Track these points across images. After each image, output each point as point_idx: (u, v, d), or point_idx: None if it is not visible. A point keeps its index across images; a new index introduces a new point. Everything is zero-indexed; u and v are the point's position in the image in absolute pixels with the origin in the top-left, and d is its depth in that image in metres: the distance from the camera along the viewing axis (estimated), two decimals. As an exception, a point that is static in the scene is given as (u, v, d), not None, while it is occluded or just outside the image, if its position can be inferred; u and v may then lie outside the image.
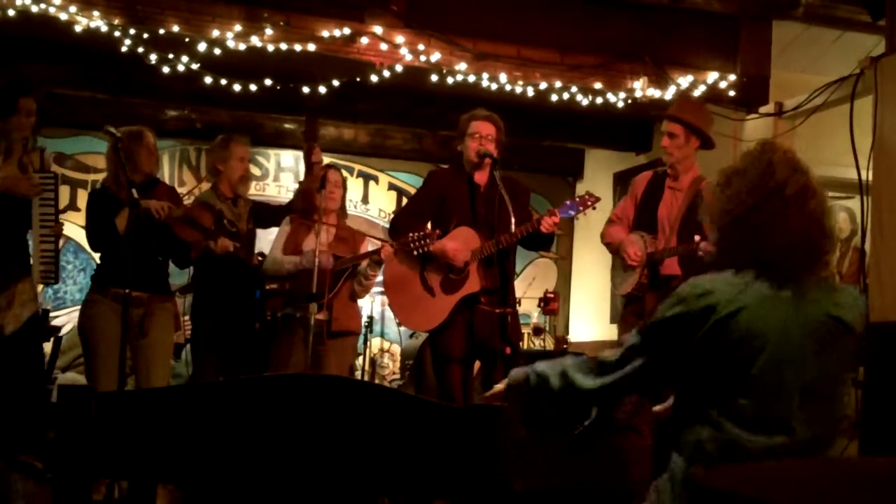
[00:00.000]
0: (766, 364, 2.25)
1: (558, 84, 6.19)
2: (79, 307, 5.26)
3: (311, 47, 5.74)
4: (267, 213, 5.74)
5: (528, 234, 4.65)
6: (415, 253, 4.80)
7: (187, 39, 5.63)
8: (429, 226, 4.96)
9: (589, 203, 4.79)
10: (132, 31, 5.55)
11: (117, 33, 5.51)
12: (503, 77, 6.05)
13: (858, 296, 2.48)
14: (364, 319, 8.33)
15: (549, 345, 8.33)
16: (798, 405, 2.27)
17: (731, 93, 6.41)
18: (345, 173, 8.83)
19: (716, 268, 2.42)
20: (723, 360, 2.28)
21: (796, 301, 2.32)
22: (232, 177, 5.52)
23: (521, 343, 5.65)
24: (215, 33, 5.60)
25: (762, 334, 2.27)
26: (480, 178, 4.93)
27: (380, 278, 5.49)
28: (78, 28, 5.45)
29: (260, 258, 5.51)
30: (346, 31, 5.77)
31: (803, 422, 2.27)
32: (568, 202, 4.88)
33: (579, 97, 6.28)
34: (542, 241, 4.94)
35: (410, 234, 4.76)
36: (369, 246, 5.49)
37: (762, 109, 6.39)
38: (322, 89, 6.21)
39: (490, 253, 4.72)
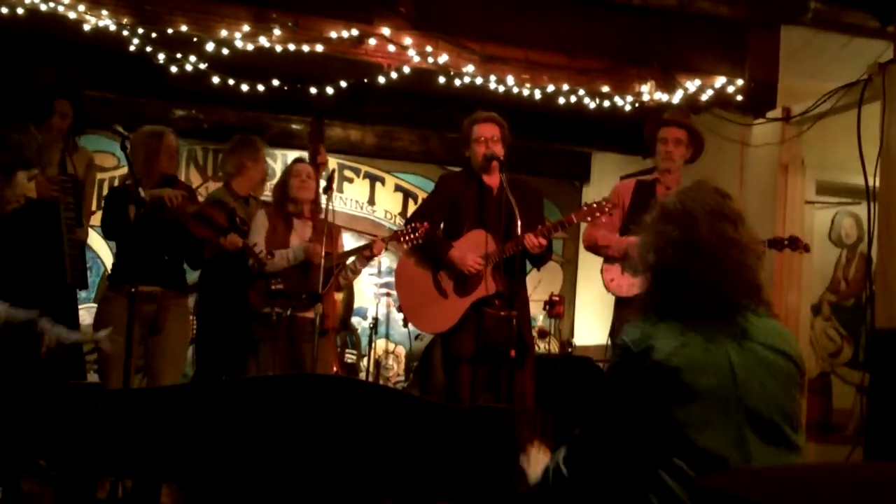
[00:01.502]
0: (712, 400, 2.19)
1: (566, 87, 6.18)
2: (85, 306, 5.27)
3: (319, 48, 5.74)
4: None
5: (519, 249, 4.66)
6: (405, 246, 4.83)
7: (195, 39, 5.64)
8: (441, 229, 4.99)
9: (606, 209, 4.79)
10: (140, 31, 5.55)
11: (125, 33, 5.52)
12: (510, 79, 6.05)
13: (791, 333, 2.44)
14: (369, 321, 8.34)
15: (555, 348, 8.32)
16: (749, 436, 2.20)
17: (739, 98, 6.41)
18: (351, 174, 8.90)
19: (645, 312, 2.37)
20: (665, 406, 2.20)
21: (736, 339, 2.27)
22: (256, 177, 5.59)
23: (532, 345, 5.63)
24: (223, 33, 5.61)
25: (702, 376, 2.20)
26: (491, 181, 4.93)
27: (390, 279, 5.50)
28: (86, 27, 5.46)
29: (271, 256, 5.47)
30: (354, 32, 5.77)
31: (756, 452, 2.19)
32: (585, 207, 4.88)
33: (587, 100, 6.27)
34: (533, 259, 4.94)
35: (400, 229, 4.82)
36: (344, 238, 5.50)
37: (770, 114, 6.39)
38: (329, 90, 6.21)
39: (499, 259, 4.73)
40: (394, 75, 5.91)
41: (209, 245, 5.13)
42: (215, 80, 5.97)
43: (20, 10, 5.36)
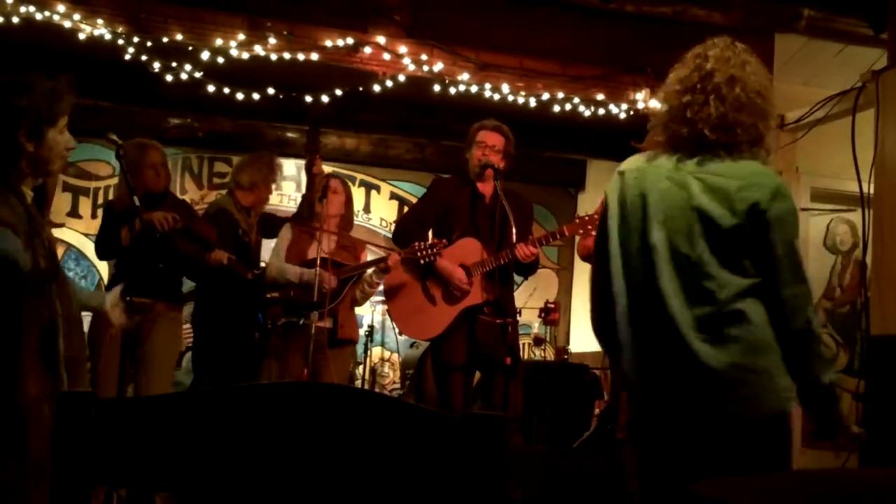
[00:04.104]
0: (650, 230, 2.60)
1: (560, 95, 6.19)
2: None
3: (314, 56, 5.75)
4: (273, 224, 5.75)
5: (511, 259, 4.67)
6: (422, 262, 4.81)
7: (190, 48, 5.64)
8: (430, 234, 4.98)
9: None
10: (136, 40, 5.56)
11: (121, 41, 5.52)
12: (505, 87, 6.06)
13: (768, 186, 2.56)
14: (364, 328, 8.34)
15: (550, 355, 8.32)
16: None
17: (733, 105, 6.41)
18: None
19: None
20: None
21: (681, 175, 2.60)
22: (264, 195, 5.61)
23: (521, 353, 5.64)
24: (218, 42, 5.61)
25: (645, 202, 2.62)
26: (484, 188, 4.93)
27: (381, 287, 5.51)
28: (82, 36, 5.46)
29: (255, 272, 5.45)
30: (350, 40, 5.77)
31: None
32: (577, 220, 4.89)
33: (581, 108, 6.28)
34: (521, 269, 4.94)
35: (418, 244, 4.79)
36: (369, 254, 5.50)
37: (764, 122, 6.39)
38: (325, 98, 6.22)
39: (490, 268, 4.74)
40: (389, 83, 5.92)
41: (200, 260, 5.13)
42: (210, 88, 5.97)
43: (15, 19, 5.36)
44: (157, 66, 5.71)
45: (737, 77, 2.65)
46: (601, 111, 6.33)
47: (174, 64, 5.74)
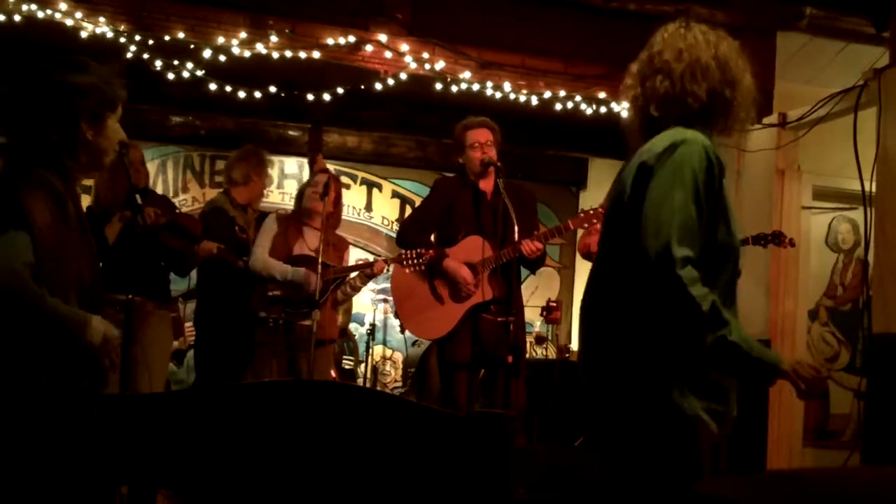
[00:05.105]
0: None
1: (562, 93, 6.19)
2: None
3: (316, 55, 5.75)
4: None
5: (516, 255, 4.66)
6: (407, 271, 4.84)
7: (192, 46, 5.64)
8: (432, 238, 4.99)
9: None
10: (137, 38, 5.55)
11: (123, 39, 5.52)
12: (507, 86, 6.06)
13: (667, 147, 2.34)
14: (366, 327, 8.34)
15: (552, 354, 8.31)
16: None
17: (735, 103, 6.41)
18: (348, 181, 8.90)
19: None
20: None
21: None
22: (258, 189, 5.62)
23: (525, 350, 5.64)
24: (220, 40, 5.61)
25: None
26: (486, 186, 4.94)
27: (387, 285, 5.52)
28: (83, 34, 5.46)
29: (245, 259, 5.43)
30: (351, 38, 5.77)
31: None
32: (581, 214, 4.88)
33: (583, 106, 6.28)
34: (528, 264, 4.94)
35: (404, 252, 4.83)
36: (351, 253, 5.52)
37: (766, 120, 6.39)
38: (326, 97, 6.22)
39: (496, 265, 4.74)
40: (391, 82, 5.92)
41: (190, 255, 5.13)
42: (212, 86, 5.97)
43: (17, 17, 5.36)
44: (158, 64, 5.71)
45: (685, 48, 2.53)
46: (603, 109, 6.33)
47: (176, 62, 5.74)
